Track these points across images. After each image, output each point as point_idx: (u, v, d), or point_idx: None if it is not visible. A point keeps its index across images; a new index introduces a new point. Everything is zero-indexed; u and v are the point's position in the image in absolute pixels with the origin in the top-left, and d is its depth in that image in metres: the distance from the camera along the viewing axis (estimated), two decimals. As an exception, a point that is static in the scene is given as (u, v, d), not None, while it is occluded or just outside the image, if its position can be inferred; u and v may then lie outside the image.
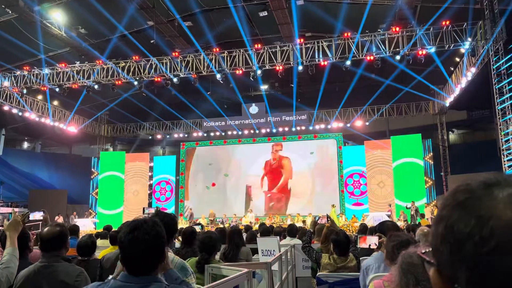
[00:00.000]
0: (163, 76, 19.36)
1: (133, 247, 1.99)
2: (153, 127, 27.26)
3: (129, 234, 2.01)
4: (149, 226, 2.04)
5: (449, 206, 0.70)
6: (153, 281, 1.99)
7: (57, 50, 20.67)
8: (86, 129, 26.59)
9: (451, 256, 0.67)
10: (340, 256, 4.85)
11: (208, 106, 23.86)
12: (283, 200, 23.78)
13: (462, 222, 0.66)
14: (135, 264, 1.99)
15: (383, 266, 3.61)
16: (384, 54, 17.09)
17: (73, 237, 5.68)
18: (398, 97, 21.82)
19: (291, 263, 6.17)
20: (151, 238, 2.00)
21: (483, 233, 0.63)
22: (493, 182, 0.69)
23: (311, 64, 17.87)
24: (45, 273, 3.02)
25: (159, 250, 2.04)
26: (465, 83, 18.11)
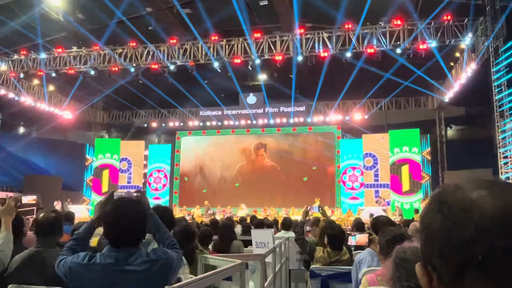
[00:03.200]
0: (160, 63, 19.31)
1: (116, 223, 2.19)
2: (149, 115, 27.21)
3: (114, 211, 2.21)
4: (133, 205, 2.24)
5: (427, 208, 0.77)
6: (135, 252, 2.18)
7: (54, 35, 20.54)
8: (82, 115, 26.52)
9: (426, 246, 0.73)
10: (334, 249, 4.90)
11: (205, 95, 23.78)
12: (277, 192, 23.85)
13: (432, 213, 0.73)
14: (118, 239, 2.19)
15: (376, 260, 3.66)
16: (385, 47, 17.09)
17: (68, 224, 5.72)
18: (397, 91, 21.82)
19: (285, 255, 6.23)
20: (133, 216, 2.20)
21: (445, 211, 0.71)
22: (462, 185, 0.74)
23: (310, 55, 17.86)
24: (39, 258, 3.08)
25: (140, 227, 2.25)
26: (465, 78, 18.14)
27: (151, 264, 2.17)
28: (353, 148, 22.46)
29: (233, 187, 24.36)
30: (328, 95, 23.23)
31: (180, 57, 19.03)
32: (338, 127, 23.73)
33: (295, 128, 24.44)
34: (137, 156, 24.27)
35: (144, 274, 2.14)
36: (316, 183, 23.25)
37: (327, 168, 23.47)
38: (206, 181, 24.97)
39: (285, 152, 24.04)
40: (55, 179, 23.72)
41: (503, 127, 15.91)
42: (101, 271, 2.13)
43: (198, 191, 24.74)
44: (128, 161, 24.16)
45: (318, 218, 6.98)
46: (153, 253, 2.24)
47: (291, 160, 23.86)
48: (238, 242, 5.53)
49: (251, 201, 22.47)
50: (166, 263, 2.25)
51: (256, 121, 24.69)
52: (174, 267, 2.35)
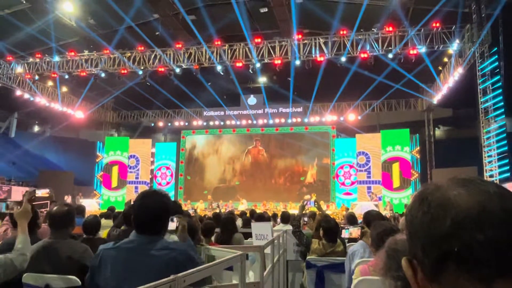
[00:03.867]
0: (166, 66, 19.29)
1: (142, 211, 2.25)
2: (156, 115, 27.20)
3: (140, 200, 2.29)
4: (158, 196, 2.31)
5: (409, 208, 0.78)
6: (158, 239, 2.23)
7: (67, 39, 20.53)
8: (93, 115, 26.52)
9: (411, 241, 0.74)
10: (329, 242, 4.90)
11: (208, 96, 23.78)
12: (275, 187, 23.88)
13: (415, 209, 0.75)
14: (142, 225, 2.24)
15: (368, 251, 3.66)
16: (377, 52, 17.07)
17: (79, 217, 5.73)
18: (389, 93, 21.83)
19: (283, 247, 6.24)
20: (157, 206, 2.27)
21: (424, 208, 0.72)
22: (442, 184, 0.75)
23: (308, 59, 17.85)
24: (53, 248, 3.08)
25: (163, 217, 2.30)
26: (452, 82, 18.15)
27: (169, 251, 2.18)
28: (347, 146, 22.45)
29: (234, 184, 24.40)
30: (324, 97, 23.22)
31: (185, 60, 19.02)
32: (333, 127, 23.73)
33: (292, 128, 24.44)
34: (144, 154, 24.26)
35: (159, 260, 2.15)
36: (311, 179, 23.26)
37: (322, 165, 23.48)
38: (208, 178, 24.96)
39: (283, 151, 24.01)
40: (67, 175, 23.75)
41: (487, 128, 15.91)
42: (124, 253, 2.19)
43: (201, 187, 24.76)
44: (136, 158, 24.15)
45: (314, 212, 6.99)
46: (173, 243, 2.30)
47: (289, 158, 23.85)
48: (239, 235, 5.53)
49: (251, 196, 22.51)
50: (184, 253, 2.23)
51: (256, 121, 24.69)
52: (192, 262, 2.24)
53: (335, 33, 17.50)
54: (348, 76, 20.28)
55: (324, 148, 23.61)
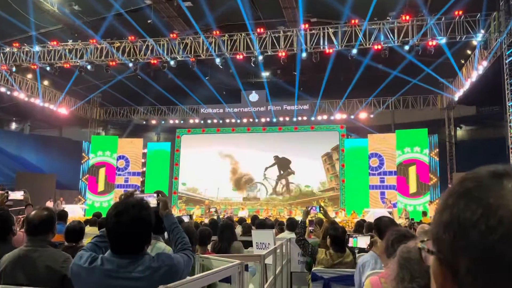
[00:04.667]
0: (159, 58, 19.30)
1: (118, 229, 2.15)
2: (148, 112, 27.24)
3: (115, 217, 2.16)
4: (136, 211, 2.17)
5: (456, 194, 0.71)
6: (140, 258, 2.15)
7: (48, 27, 20.56)
8: (78, 112, 26.54)
9: (454, 244, 0.68)
10: (337, 251, 4.89)
11: (206, 92, 23.79)
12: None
13: (469, 210, 0.67)
14: (119, 246, 2.16)
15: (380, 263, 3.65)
16: (392, 43, 17.05)
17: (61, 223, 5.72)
18: (405, 89, 21.81)
19: (286, 257, 6.22)
20: (136, 223, 2.15)
21: (491, 222, 0.65)
22: (502, 173, 0.70)
23: (315, 51, 17.83)
24: (30, 257, 3.05)
25: (143, 234, 2.20)
26: (476, 77, 18.09)
27: (153, 271, 2.13)
28: (358, 148, 22.42)
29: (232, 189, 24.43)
30: (333, 93, 23.21)
31: (181, 52, 19.02)
32: (342, 126, 23.70)
33: (296, 127, 24.42)
34: (135, 155, 24.27)
35: (145, 282, 2.10)
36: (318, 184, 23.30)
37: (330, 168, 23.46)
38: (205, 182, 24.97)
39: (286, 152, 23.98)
40: (48, 177, 23.76)
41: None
42: (100, 276, 2.11)
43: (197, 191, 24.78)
44: (125, 159, 24.16)
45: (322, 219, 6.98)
46: (157, 259, 2.20)
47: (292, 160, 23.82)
48: (238, 243, 5.53)
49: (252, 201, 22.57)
50: (170, 270, 2.21)
51: (258, 119, 24.69)
52: (181, 273, 2.32)
53: (346, 23, 17.48)
54: (360, 70, 20.28)
55: (332, 149, 23.58)
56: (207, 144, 25.15)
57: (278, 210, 21.43)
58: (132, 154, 24.24)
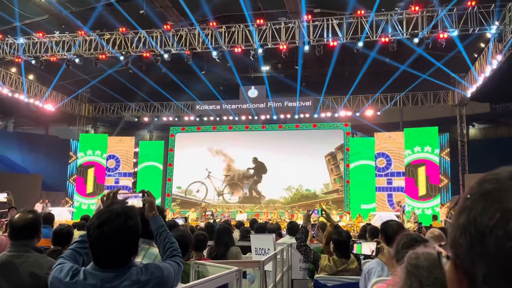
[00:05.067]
0: (152, 51, 19.28)
1: (100, 242, 2.08)
2: (140, 109, 27.21)
3: (98, 227, 2.09)
4: (121, 221, 2.10)
5: (474, 196, 0.71)
6: (126, 272, 2.09)
7: (34, 17, 20.52)
8: (65, 108, 26.51)
9: (471, 250, 0.68)
10: (341, 257, 4.89)
11: (202, 87, 23.81)
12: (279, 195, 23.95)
13: (487, 214, 0.67)
14: (102, 260, 2.10)
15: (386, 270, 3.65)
16: (401, 36, 17.04)
17: (47, 226, 5.71)
18: (414, 85, 21.81)
19: (287, 263, 6.22)
20: (121, 234, 2.08)
21: (509, 227, 0.64)
22: None
23: (318, 44, 17.82)
24: (14, 263, 3.04)
25: (130, 244, 2.14)
26: (490, 72, 18.08)
27: (141, 286, 2.10)
28: (364, 147, 22.43)
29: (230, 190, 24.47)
30: (337, 89, 23.22)
31: (175, 44, 19.01)
32: (346, 124, 23.70)
33: (298, 125, 24.44)
34: (126, 154, 24.26)
35: None
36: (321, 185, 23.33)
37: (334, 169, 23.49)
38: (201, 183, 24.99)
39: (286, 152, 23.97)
40: (33, 178, 23.73)
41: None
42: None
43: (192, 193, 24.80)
44: (116, 159, 24.16)
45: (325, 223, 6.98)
46: (145, 272, 2.15)
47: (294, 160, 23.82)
48: (236, 248, 5.52)
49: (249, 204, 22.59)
50: (160, 283, 2.18)
51: (257, 116, 24.69)
52: (172, 283, 2.30)
53: (351, 14, 17.48)
54: (366, 64, 20.29)
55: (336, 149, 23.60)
56: (202, 143, 25.16)
57: (279, 214, 21.43)
58: (123, 153, 24.22)
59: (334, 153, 23.64)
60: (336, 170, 23.56)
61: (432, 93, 23.79)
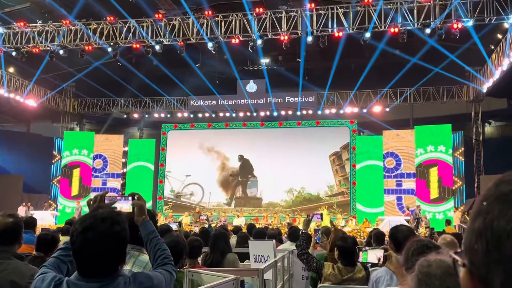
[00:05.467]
0: (143, 42, 19.27)
1: (85, 250, 2.06)
2: (129, 104, 27.18)
3: (82, 234, 2.06)
4: (106, 226, 2.08)
5: (491, 199, 0.71)
6: (113, 281, 2.08)
7: (14, 5, 20.48)
8: (48, 103, 26.48)
9: (487, 256, 0.68)
10: (346, 265, 4.89)
11: (196, 81, 23.78)
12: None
13: (504, 217, 0.67)
14: (87, 269, 2.08)
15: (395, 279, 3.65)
16: (412, 26, 17.05)
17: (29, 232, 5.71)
18: (425, 79, 21.81)
19: (288, 271, 6.23)
20: (107, 241, 2.06)
21: None
22: None
23: (322, 35, 17.81)
24: (-9, 271, 3.04)
25: (116, 254, 2.11)
26: (507, 65, 18.09)
27: None
28: (371, 146, 22.45)
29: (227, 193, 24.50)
30: (343, 83, 23.22)
31: (167, 35, 19.00)
32: (351, 121, 23.73)
33: (300, 122, 24.45)
34: (114, 153, 24.27)
35: None
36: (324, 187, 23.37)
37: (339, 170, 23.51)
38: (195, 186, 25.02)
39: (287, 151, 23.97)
40: (14, 179, 23.74)
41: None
42: None
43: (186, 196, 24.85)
44: (103, 158, 24.18)
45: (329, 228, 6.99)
46: (133, 282, 2.14)
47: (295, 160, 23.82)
48: (233, 255, 5.53)
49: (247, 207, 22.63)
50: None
51: (256, 113, 24.68)
52: None
53: (358, 2, 17.48)
54: (374, 57, 20.30)
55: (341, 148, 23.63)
56: (197, 142, 25.18)
57: (279, 218, 21.46)
58: (111, 152, 24.24)
59: (339, 153, 23.67)
60: (341, 171, 23.60)
61: (445, 88, 23.79)
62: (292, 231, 7.86)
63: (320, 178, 23.60)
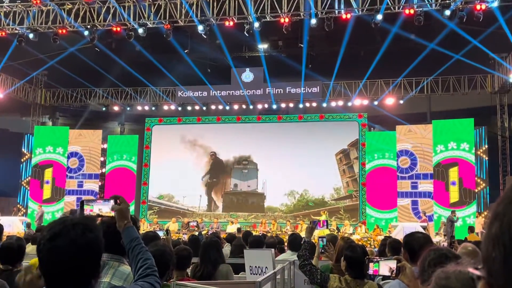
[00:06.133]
0: (124, 25, 19.23)
1: (53, 259, 1.99)
2: (109, 95, 27.13)
3: (50, 241, 2.00)
4: (78, 233, 2.02)
5: (507, 200, 0.71)
6: None
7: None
8: (16, 95, 26.42)
9: (505, 263, 0.68)
10: (355, 278, 4.90)
11: (184, 70, 23.76)
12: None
13: None
14: (56, 281, 2.01)
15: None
16: (429, 7, 17.05)
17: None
18: (445, 67, 21.81)
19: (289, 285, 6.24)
20: (78, 249, 1.99)
21: None
22: None
23: (328, 17, 17.81)
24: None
25: (89, 264, 2.05)
26: (537, 51, 18.16)
27: None
28: (383, 143, 22.48)
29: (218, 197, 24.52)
30: (351, 72, 23.23)
31: (152, 17, 18.97)
32: (360, 115, 23.71)
33: (302, 116, 24.42)
34: (91, 151, 24.24)
35: None
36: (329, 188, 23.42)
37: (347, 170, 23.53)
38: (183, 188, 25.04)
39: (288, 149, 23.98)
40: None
41: None
42: None
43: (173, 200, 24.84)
44: (79, 157, 24.14)
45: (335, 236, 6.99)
46: None
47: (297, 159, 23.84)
48: (226, 267, 5.54)
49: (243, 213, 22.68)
50: None
51: (253, 105, 24.66)
52: None
53: (369, -21, 17.49)
54: (386, 42, 20.27)
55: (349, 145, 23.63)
56: (185, 138, 25.18)
57: (279, 224, 21.47)
58: (88, 150, 24.22)
59: (347, 151, 23.69)
60: (349, 171, 23.62)
61: (467, 78, 23.81)
62: (292, 238, 7.84)
63: (325, 180, 23.61)
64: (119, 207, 2.69)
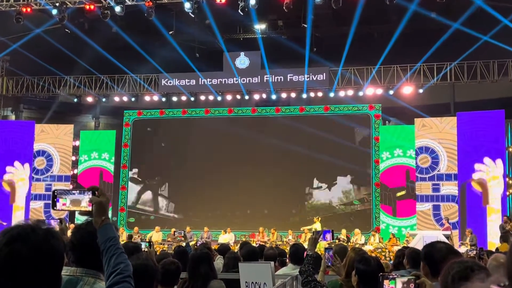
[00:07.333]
0: (98, 2, 19.21)
1: (9, 267, 1.94)
2: (81, 85, 27.08)
3: (7, 245, 1.95)
4: (39, 237, 1.99)
5: None
6: None
7: None
8: (-26, 84, 26.43)
9: None
10: (367, 295, 4.92)
11: (169, 54, 23.74)
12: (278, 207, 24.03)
13: None
14: None
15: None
16: (452, -19, 17.08)
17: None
18: (471, 50, 21.81)
19: (292, 303, 6.27)
20: (40, 255, 1.97)
21: None
22: None
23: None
24: None
25: (49, 275, 2.01)
26: None
27: None
28: (400, 138, 22.50)
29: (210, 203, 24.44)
30: (362, 57, 23.23)
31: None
32: (371, 106, 23.66)
33: (303, 108, 24.39)
34: (61, 149, 24.20)
35: None
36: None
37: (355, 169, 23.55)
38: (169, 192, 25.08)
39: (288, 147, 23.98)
40: None
41: None
42: None
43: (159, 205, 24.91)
44: (47, 156, 24.10)
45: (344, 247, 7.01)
46: None
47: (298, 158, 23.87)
48: (218, 283, 5.55)
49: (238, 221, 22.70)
50: None
51: (248, 95, 24.64)
52: None
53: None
54: (403, 22, 20.29)
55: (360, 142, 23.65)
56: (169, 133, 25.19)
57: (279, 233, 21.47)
58: (57, 148, 24.16)
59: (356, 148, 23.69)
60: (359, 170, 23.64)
61: (497, 62, 23.81)
62: (294, 250, 7.82)
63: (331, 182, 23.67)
64: (98, 200, 2.69)
